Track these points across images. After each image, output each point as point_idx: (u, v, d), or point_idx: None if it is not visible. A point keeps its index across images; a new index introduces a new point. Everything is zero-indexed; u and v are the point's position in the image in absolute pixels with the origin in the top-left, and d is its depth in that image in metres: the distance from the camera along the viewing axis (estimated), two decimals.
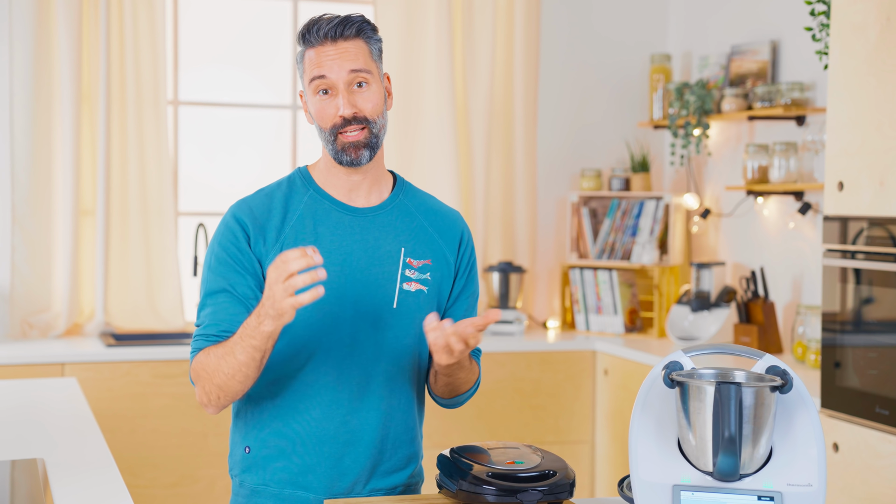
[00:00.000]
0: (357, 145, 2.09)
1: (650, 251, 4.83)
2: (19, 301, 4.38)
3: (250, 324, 1.98)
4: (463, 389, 2.24)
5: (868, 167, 3.11)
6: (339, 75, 2.07)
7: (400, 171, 4.71)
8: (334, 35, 2.07)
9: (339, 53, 2.07)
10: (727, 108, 4.57)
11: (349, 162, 2.10)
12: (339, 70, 2.07)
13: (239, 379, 2.03)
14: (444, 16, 4.78)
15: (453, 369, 2.14)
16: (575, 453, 4.63)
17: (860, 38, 3.15)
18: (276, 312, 1.92)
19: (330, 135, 2.10)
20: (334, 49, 2.07)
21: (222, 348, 2.04)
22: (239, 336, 2.01)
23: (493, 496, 1.94)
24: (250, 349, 1.99)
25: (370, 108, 2.10)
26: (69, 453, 2.48)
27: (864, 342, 3.16)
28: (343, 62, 2.07)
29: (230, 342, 2.03)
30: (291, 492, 2.14)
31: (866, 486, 3.07)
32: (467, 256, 2.26)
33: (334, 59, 2.07)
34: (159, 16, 4.50)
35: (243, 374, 2.03)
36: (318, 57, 2.08)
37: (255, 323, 1.96)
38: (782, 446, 1.77)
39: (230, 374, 2.03)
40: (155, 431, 4.13)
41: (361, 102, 2.09)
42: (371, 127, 2.10)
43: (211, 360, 2.05)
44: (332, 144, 2.11)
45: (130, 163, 4.51)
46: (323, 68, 2.07)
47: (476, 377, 2.25)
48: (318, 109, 2.10)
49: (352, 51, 2.08)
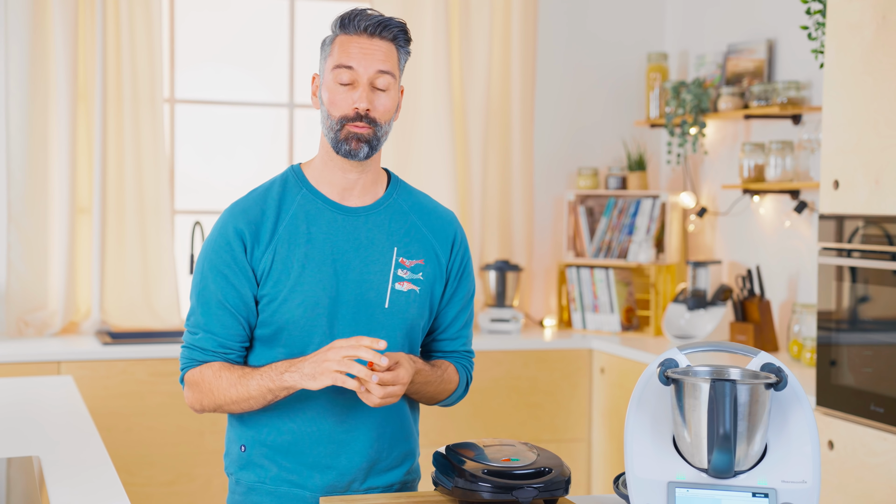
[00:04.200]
0: (360, 138, 2.09)
1: (647, 250, 4.83)
2: (15, 299, 4.38)
3: (278, 367, 2.04)
4: (439, 399, 2.25)
5: (864, 166, 3.12)
6: (366, 70, 2.07)
7: (397, 170, 4.71)
8: (372, 31, 2.08)
9: (374, 49, 2.08)
10: (723, 107, 4.58)
11: (347, 152, 2.10)
12: (367, 65, 2.07)
13: (242, 407, 2.10)
14: (441, 15, 4.78)
15: (417, 387, 2.15)
16: (571, 451, 4.63)
17: (856, 36, 3.15)
18: (313, 372, 1.97)
19: (337, 123, 2.10)
20: (369, 43, 2.08)
21: (235, 376, 2.08)
22: (260, 374, 2.05)
23: (488, 493, 1.95)
24: (265, 390, 2.05)
25: (382, 112, 2.10)
26: (65, 451, 2.48)
27: (860, 340, 3.16)
28: (373, 59, 2.07)
29: (247, 373, 2.07)
30: (287, 490, 2.15)
31: (861, 483, 3.08)
32: (460, 257, 2.25)
33: (365, 53, 2.08)
34: (156, 14, 4.49)
35: (248, 406, 2.09)
36: (350, 46, 2.08)
37: (283, 369, 2.02)
38: (777, 443, 1.77)
39: (235, 401, 2.09)
40: (151, 429, 4.13)
41: (378, 103, 2.09)
42: (377, 129, 2.10)
43: (221, 382, 2.09)
44: (335, 133, 2.10)
45: (127, 161, 4.51)
46: (352, 59, 2.07)
47: (454, 386, 2.25)
48: (333, 98, 2.09)
49: (383, 51, 2.09)
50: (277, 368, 2.04)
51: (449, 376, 2.22)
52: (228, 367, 2.10)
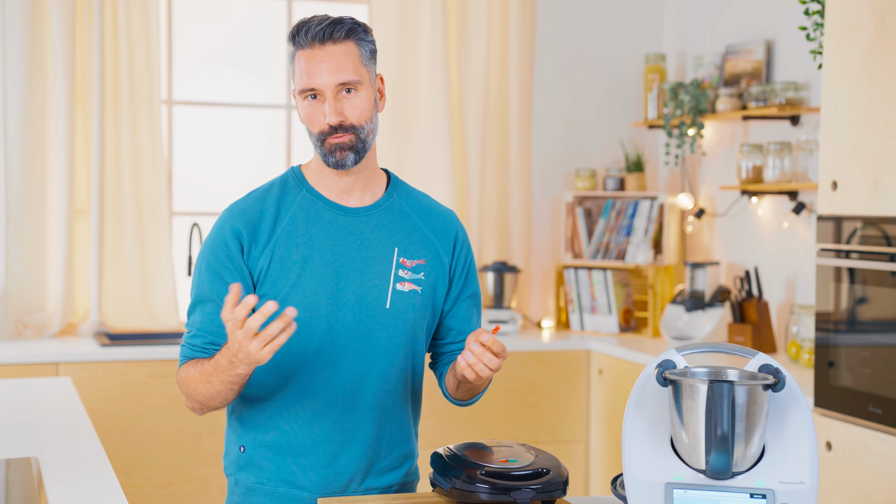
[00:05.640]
0: (342, 147, 2.09)
1: (644, 251, 4.83)
2: (13, 301, 4.38)
3: (221, 364, 1.99)
4: (480, 390, 2.25)
5: (862, 167, 3.12)
6: (326, 85, 2.06)
7: (394, 170, 4.69)
8: (323, 37, 2.05)
9: (328, 59, 2.05)
10: (722, 108, 4.58)
11: (335, 164, 2.10)
12: (325, 80, 2.05)
13: (218, 401, 2.09)
14: (438, 15, 4.78)
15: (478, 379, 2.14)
16: (569, 452, 4.63)
17: (854, 37, 3.16)
18: (252, 361, 1.93)
19: (318, 139, 2.10)
20: (323, 53, 2.05)
21: (200, 373, 2.06)
22: (213, 370, 2.02)
23: (486, 494, 1.95)
24: (227, 382, 2.03)
25: (357, 115, 2.08)
26: (63, 453, 2.48)
27: (858, 341, 3.16)
28: (329, 71, 2.05)
29: (207, 370, 2.04)
30: (286, 490, 2.15)
31: (859, 484, 3.08)
32: (463, 256, 2.25)
33: (322, 65, 2.05)
34: (153, 15, 4.49)
35: (222, 399, 2.08)
36: (307, 63, 2.06)
37: (228, 365, 1.98)
38: (775, 444, 1.78)
39: (209, 396, 2.08)
40: (149, 431, 4.13)
41: (348, 109, 2.08)
42: (358, 132, 2.09)
43: (191, 379, 2.09)
44: (320, 148, 2.11)
45: (124, 162, 4.51)
46: (310, 78, 2.06)
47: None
48: (308, 114, 2.10)
49: (340, 57, 2.06)
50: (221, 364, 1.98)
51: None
52: (197, 361, 2.09)
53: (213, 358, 2.03)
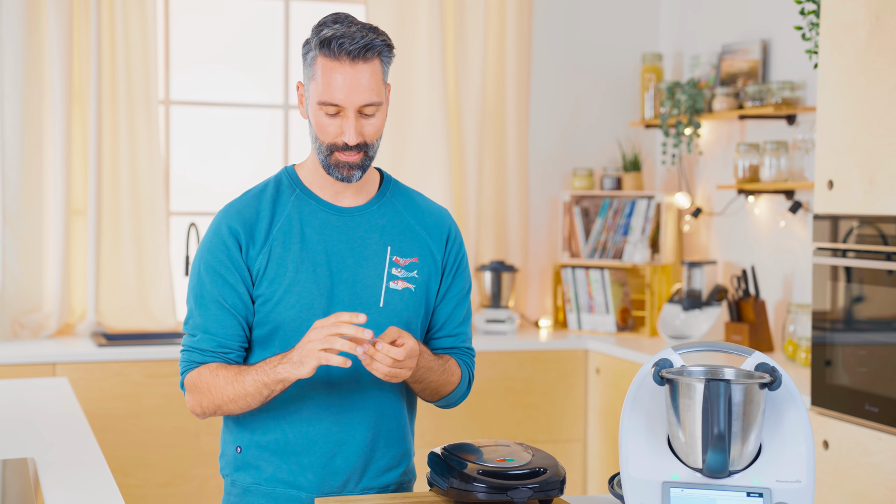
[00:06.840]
0: (352, 166, 2.09)
1: (642, 250, 4.84)
2: (10, 301, 4.37)
3: (271, 361, 2.03)
4: (444, 392, 2.22)
5: (858, 166, 3.12)
6: (352, 103, 2.03)
7: (392, 171, 4.71)
8: (355, 56, 2.02)
9: (357, 77, 2.02)
10: (718, 108, 4.58)
11: (340, 178, 2.10)
12: (353, 99, 2.03)
13: (240, 405, 2.09)
14: (435, 15, 4.78)
15: (421, 374, 2.13)
16: (567, 452, 4.64)
17: (850, 36, 3.16)
18: (300, 358, 1.97)
19: (326, 149, 2.08)
20: (353, 71, 2.02)
21: (231, 373, 2.07)
22: (255, 369, 2.05)
23: (483, 493, 1.95)
24: (260, 385, 2.04)
25: (373, 134, 2.08)
26: (60, 453, 2.48)
27: (855, 340, 3.17)
28: (359, 90, 2.03)
29: (243, 370, 2.06)
30: (283, 491, 2.15)
31: (856, 482, 3.08)
32: (455, 252, 2.25)
33: (350, 83, 2.02)
34: (150, 15, 4.49)
35: (246, 403, 2.08)
36: (333, 76, 2.02)
37: (275, 363, 2.02)
38: (771, 443, 1.78)
39: (232, 399, 2.08)
40: (147, 431, 4.13)
41: (367, 128, 2.07)
42: (368, 150, 2.09)
43: (218, 381, 2.08)
44: (325, 157, 2.09)
45: (122, 162, 4.50)
46: (336, 93, 2.02)
47: (458, 379, 2.23)
48: (321, 124, 2.07)
49: (367, 78, 2.03)
50: (270, 362, 2.04)
51: (451, 368, 2.20)
52: (225, 366, 2.10)
53: (265, 359, 2.07)
